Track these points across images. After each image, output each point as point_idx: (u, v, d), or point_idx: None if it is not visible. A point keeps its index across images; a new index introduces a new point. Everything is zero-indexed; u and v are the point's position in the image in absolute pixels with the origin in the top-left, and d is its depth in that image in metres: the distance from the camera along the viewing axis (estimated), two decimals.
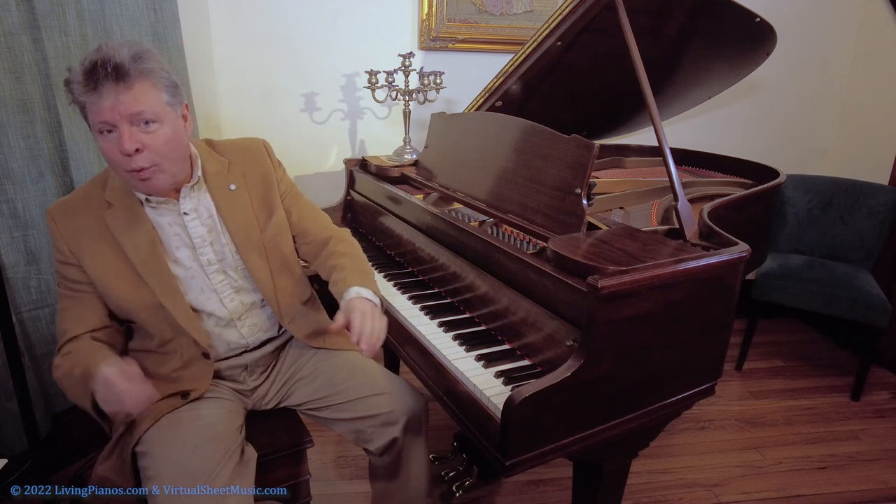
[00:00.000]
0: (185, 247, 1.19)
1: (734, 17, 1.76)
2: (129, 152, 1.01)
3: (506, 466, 0.96)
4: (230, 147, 1.29)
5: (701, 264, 1.06)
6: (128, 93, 0.99)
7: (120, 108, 0.99)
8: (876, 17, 2.71)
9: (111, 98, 0.98)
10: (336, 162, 2.55)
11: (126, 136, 1.00)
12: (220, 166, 1.25)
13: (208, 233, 1.21)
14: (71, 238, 1.13)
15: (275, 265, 1.28)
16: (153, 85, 1.03)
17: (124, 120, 1.00)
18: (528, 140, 1.39)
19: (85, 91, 0.99)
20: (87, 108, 1.01)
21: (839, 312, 2.31)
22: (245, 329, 1.28)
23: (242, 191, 1.26)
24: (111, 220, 1.14)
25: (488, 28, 2.49)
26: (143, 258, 1.14)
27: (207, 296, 1.22)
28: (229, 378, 1.30)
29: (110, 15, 1.74)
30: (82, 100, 1.00)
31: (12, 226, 1.64)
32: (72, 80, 1.00)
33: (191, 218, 1.19)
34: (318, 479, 1.60)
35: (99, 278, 1.14)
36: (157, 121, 1.04)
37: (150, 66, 1.03)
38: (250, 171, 1.28)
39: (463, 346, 1.21)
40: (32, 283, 1.69)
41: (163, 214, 1.18)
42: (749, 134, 2.89)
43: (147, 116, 1.03)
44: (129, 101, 1.00)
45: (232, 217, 1.23)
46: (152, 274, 1.15)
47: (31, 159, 1.64)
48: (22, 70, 1.58)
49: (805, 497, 1.85)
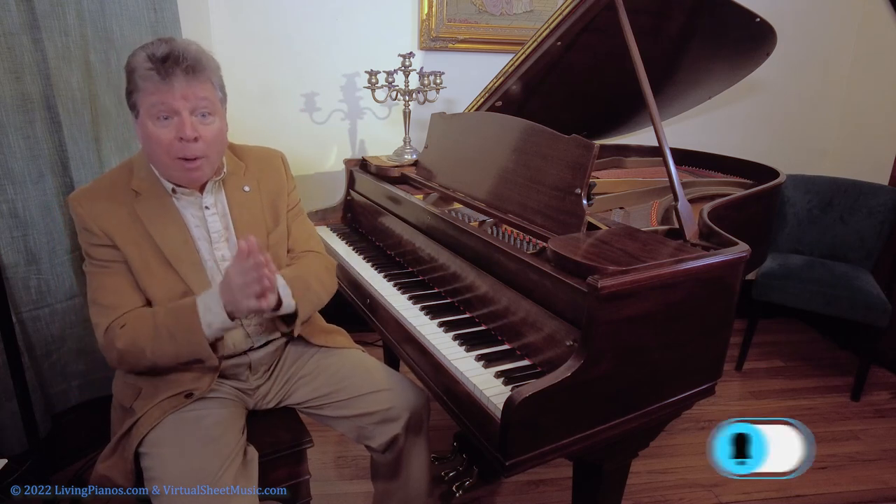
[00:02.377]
0: (203, 240, 1.23)
1: (734, 17, 1.76)
2: (190, 138, 1.08)
3: (506, 466, 0.95)
4: (248, 152, 1.35)
5: (701, 264, 1.06)
6: (196, 83, 1.08)
7: (188, 95, 1.07)
8: (876, 17, 2.71)
9: (182, 86, 1.06)
10: (336, 162, 2.55)
11: (188, 123, 1.08)
12: (237, 168, 1.30)
13: (224, 229, 1.25)
14: (101, 220, 1.14)
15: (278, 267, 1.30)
16: (212, 82, 1.13)
17: (187, 108, 1.08)
18: (528, 140, 1.39)
19: (154, 76, 1.05)
20: (147, 91, 1.06)
21: (839, 312, 2.31)
22: (251, 328, 1.29)
23: (255, 194, 1.30)
24: (141, 208, 1.16)
25: (488, 28, 2.49)
26: (173, 246, 1.17)
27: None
28: (232, 377, 1.31)
29: (110, 15, 1.74)
30: (145, 83, 1.06)
31: (12, 226, 1.63)
32: (137, 65, 1.06)
33: (211, 212, 1.23)
34: (318, 479, 1.60)
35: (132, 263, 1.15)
36: (214, 114, 1.13)
37: (212, 65, 1.13)
38: (265, 179, 1.33)
39: (463, 346, 1.20)
40: (32, 283, 1.69)
41: (186, 207, 1.21)
42: (749, 134, 2.89)
43: (208, 108, 1.11)
44: (196, 89, 1.08)
45: (241, 216, 1.26)
46: (184, 261, 1.17)
47: (31, 159, 1.64)
48: (22, 70, 1.58)
49: (805, 497, 1.85)
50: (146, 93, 1.07)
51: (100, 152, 1.78)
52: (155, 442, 1.12)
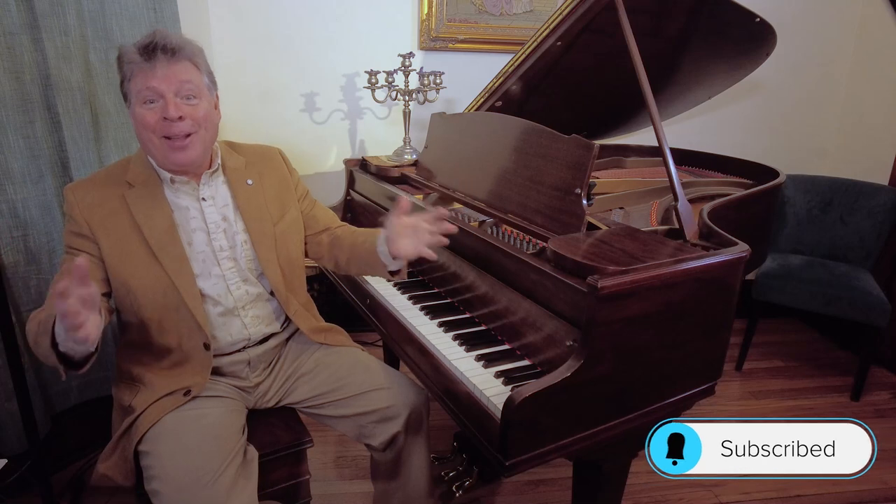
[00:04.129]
0: (200, 230, 1.24)
1: (734, 17, 1.76)
2: (174, 117, 1.11)
3: (506, 466, 0.96)
4: (248, 149, 1.38)
5: (701, 264, 1.06)
6: (178, 66, 1.13)
7: (170, 78, 1.12)
8: (876, 17, 2.71)
9: (163, 69, 1.11)
10: (336, 162, 2.55)
11: (171, 104, 1.12)
12: (238, 163, 1.32)
13: (222, 220, 1.27)
14: (88, 211, 1.16)
15: (283, 260, 1.32)
16: (197, 67, 1.17)
17: (171, 89, 1.12)
18: (528, 140, 1.39)
19: (139, 61, 1.10)
20: (135, 77, 1.11)
21: (839, 312, 2.31)
22: (248, 319, 1.30)
23: (258, 187, 1.32)
24: (131, 198, 1.19)
25: (488, 28, 2.49)
26: (158, 237, 1.18)
27: (214, 281, 1.24)
28: (232, 374, 1.31)
29: (110, 15, 1.74)
30: (132, 70, 1.11)
31: (12, 226, 1.63)
32: (124, 53, 1.12)
33: (208, 204, 1.26)
34: (318, 479, 1.60)
35: (111, 253, 1.16)
36: (198, 97, 1.16)
37: (195, 51, 1.18)
38: (267, 173, 1.36)
39: (463, 347, 1.21)
40: (32, 283, 1.69)
41: (182, 197, 1.23)
42: (749, 134, 2.89)
43: (191, 90, 1.15)
44: (178, 72, 1.13)
45: (247, 208, 1.29)
46: (166, 253, 1.18)
47: (31, 159, 1.64)
48: (22, 70, 1.58)
49: (805, 497, 1.85)
50: (133, 79, 1.12)
51: (100, 152, 1.78)
52: (155, 440, 1.12)
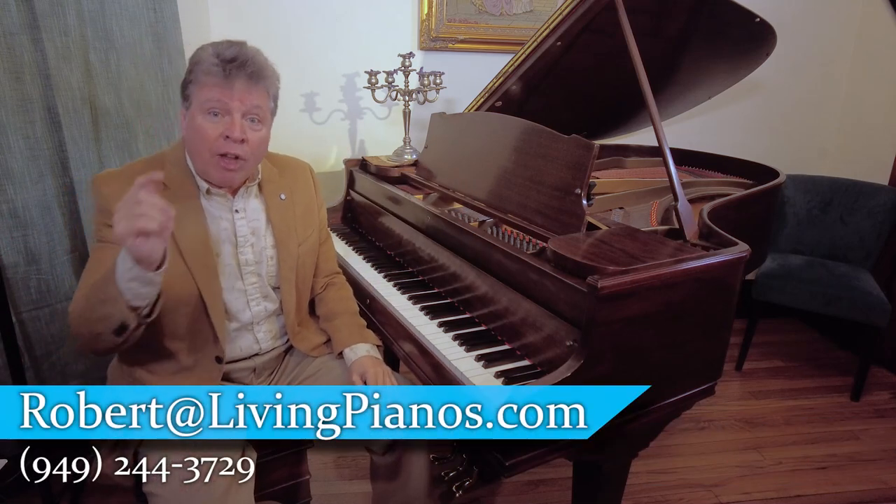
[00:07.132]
0: (228, 242, 1.22)
1: (734, 17, 1.76)
2: (238, 139, 1.10)
3: (506, 466, 0.96)
4: (281, 160, 1.37)
5: (701, 264, 1.06)
6: (254, 89, 1.11)
7: (244, 99, 1.10)
8: (876, 17, 2.71)
9: (241, 89, 1.09)
10: (336, 162, 2.55)
11: (238, 124, 1.10)
12: (272, 175, 1.31)
13: (251, 234, 1.25)
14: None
15: (300, 281, 1.32)
16: (268, 92, 1.16)
17: (241, 110, 1.10)
18: (528, 140, 1.39)
19: (217, 72, 1.07)
20: (207, 86, 1.08)
21: (839, 312, 2.31)
22: (261, 334, 1.30)
23: (290, 202, 1.31)
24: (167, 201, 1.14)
25: (488, 28, 2.49)
26: (192, 246, 1.16)
27: (236, 296, 1.24)
28: (237, 380, 1.31)
29: (110, 15, 1.74)
30: (207, 78, 1.08)
31: (12, 226, 1.63)
32: (203, 59, 1.09)
33: (240, 216, 1.23)
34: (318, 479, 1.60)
35: None
36: (262, 122, 1.15)
37: (271, 76, 1.16)
38: (298, 189, 1.35)
39: (463, 347, 1.20)
40: (32, 283, 1.69)
41: (216, 208, 1.21)
42: (749, 134, 2.89)
43: (260, 114, 1.14)
44: (253, 95, 1.11)
45: (279, 223, 1.28)
46: (197, 262, 1.16)
47: (31, 159, 1.64)
48: (22, 70, 1.58)
49: (805, 497, 1.85)
50: (204, 86, 1.08)
51: (100, 152, 1.78)
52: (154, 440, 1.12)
